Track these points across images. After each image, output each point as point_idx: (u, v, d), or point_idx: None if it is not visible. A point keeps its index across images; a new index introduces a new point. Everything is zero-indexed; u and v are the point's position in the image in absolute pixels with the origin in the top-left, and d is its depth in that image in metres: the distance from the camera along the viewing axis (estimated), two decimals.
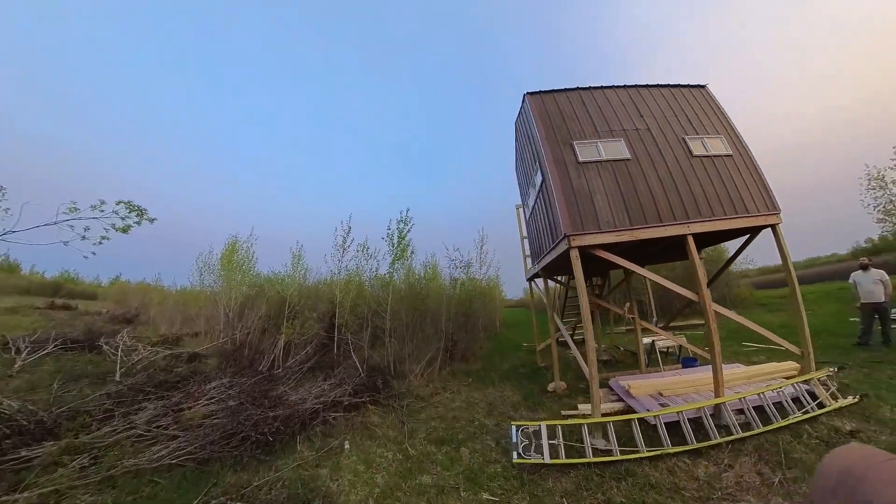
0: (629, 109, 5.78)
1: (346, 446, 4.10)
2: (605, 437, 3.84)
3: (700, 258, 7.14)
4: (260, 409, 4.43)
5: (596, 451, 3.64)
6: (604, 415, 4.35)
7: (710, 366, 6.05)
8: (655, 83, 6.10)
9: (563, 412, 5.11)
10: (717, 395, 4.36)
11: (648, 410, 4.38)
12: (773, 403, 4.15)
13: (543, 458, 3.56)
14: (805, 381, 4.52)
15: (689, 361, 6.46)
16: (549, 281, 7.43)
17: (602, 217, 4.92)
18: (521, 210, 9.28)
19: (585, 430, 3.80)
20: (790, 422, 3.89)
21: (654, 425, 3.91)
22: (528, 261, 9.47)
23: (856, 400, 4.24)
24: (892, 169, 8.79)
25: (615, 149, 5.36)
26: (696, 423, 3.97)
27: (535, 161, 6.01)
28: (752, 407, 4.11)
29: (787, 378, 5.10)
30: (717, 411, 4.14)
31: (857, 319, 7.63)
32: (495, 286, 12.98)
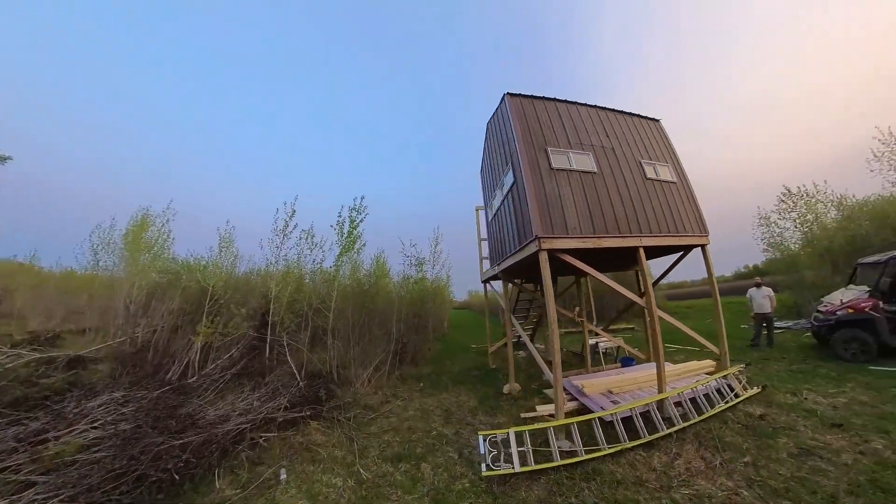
0: (597, 127, 5.95)
1: (283, 476, 3.34)
2: (569, 437, 3.80)
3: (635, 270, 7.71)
4: (164, 433, 3.39)
5: (562, 454, 3.56)
6: (567, 415, 4.31)
7: (646, 364, 6.58)
8: (620, 109, 6.41)
9: (523, 415, 4.98)
10: (660, 391, 4.66)
11: (603, 409, 4.48)
12: (703, 395, 4.58)
13: (514, 467, 3.35)
14: (724, 376, 5.05)
15: (627, 361, 6.87)
16: (508, 283, 7.31)
17: (570, 223, 4.92)
18: (480, 212, 9.11)
19: (551, 433, 3.72)
20: (717, 410, 4.36)
21: (611, 422, 3.99)
22: (485, 263, 9.35)
23: (760, 390, 4.94)
24: (774, 212, 11.23)
25: (584, 161, 5.44)
26: (645, 416, 4.16)
27: (508, 162, 5.81)
28: (688, 399, 4.50)
29: (709, 374, 5.75)
30: (661, 405, 4.39)
31: (748, 326, 8.99)
32: (445, 286, 12.71)
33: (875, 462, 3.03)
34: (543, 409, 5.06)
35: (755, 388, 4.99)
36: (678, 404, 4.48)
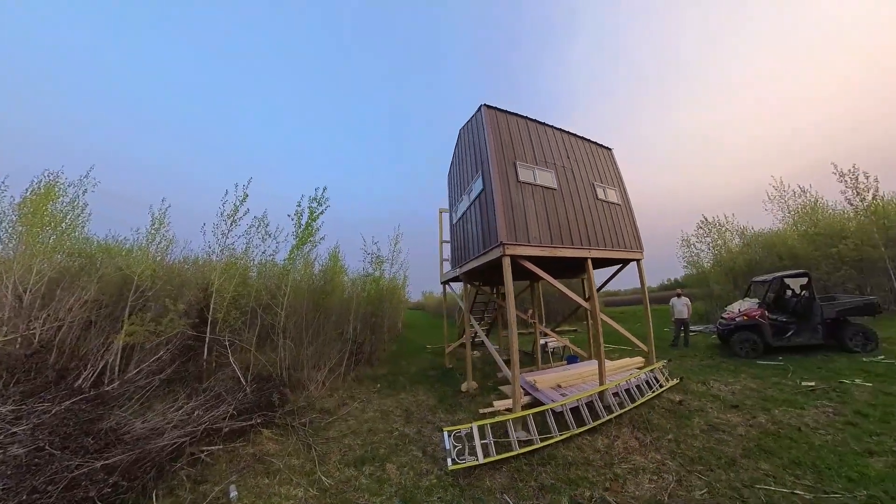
0: (560, 148, 6.40)
1: (234, 493, 2.98)
2: (525, 428, 4.06)
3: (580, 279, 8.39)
4: (80, 454, 2.81)
5: (520, 443, 3.80)
6: (522, 408, 4.55)
7: (588, 361, 7.19)
8: (580, 134, 6.91)
9: (481, 410, 5.12)
10: (601, 384, 5.22)
11: (554, 401, 4.85)
12: (635, 387, 5.21)
13: (478, 459, 3.48)
14: (651, 370, 5.75)
15: (572, 359, 7.43)
16: (468, 285, 7.43)
17: (531, 232, 5.20)
18: (444, 214, 9.14)
19: (510, 425, 3.94)
20: (646, 399, 5.02)
21: (561, 412, 4.35)
22: (445, 265, 9.40)
23: (678, 381, 5.77)
24: (693, 236, 13.56)
25: (546, 178, 5.81)
26: (589, 406, 4.62)
27: (478, 169, 5.91)
28: (623, 390, 5.07)
29: (639, 368, 6.55)
30: (602, 396, 4.90)
31: (669, 329, 10.30)
32: (402, 286, 12.52)
33: (760, 432, 3.84)
34: (500, 404, 5.26)
35: (675, 379, 5.82)
36: (615, 394, 5.03)
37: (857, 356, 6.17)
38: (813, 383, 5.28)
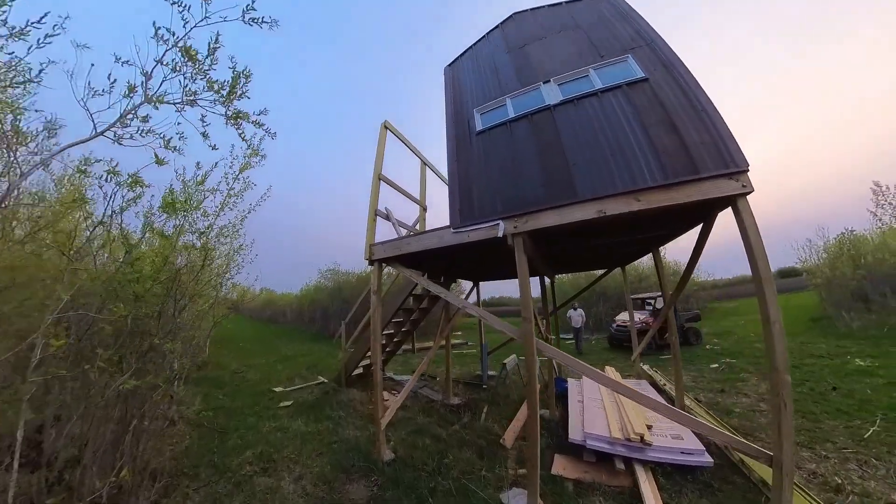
0: None
1: None
2: None
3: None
4: None
5: None
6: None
7: (590, 379, 5.18)
8: None
9: None
10: (681, 406, 4.11)
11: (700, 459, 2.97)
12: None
13: None
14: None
15: (561, 383, 5.32)
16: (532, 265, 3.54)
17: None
18: (388, 133, 4.80)
19: None
20: None
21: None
22: (383, 226, 4.92)
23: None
24: None
25: None
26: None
27: (631, 45, 3.07)
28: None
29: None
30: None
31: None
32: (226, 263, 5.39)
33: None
34: None
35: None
36: None
37: (696, 347, 8.54)
38: (716, 365, 6.50)
